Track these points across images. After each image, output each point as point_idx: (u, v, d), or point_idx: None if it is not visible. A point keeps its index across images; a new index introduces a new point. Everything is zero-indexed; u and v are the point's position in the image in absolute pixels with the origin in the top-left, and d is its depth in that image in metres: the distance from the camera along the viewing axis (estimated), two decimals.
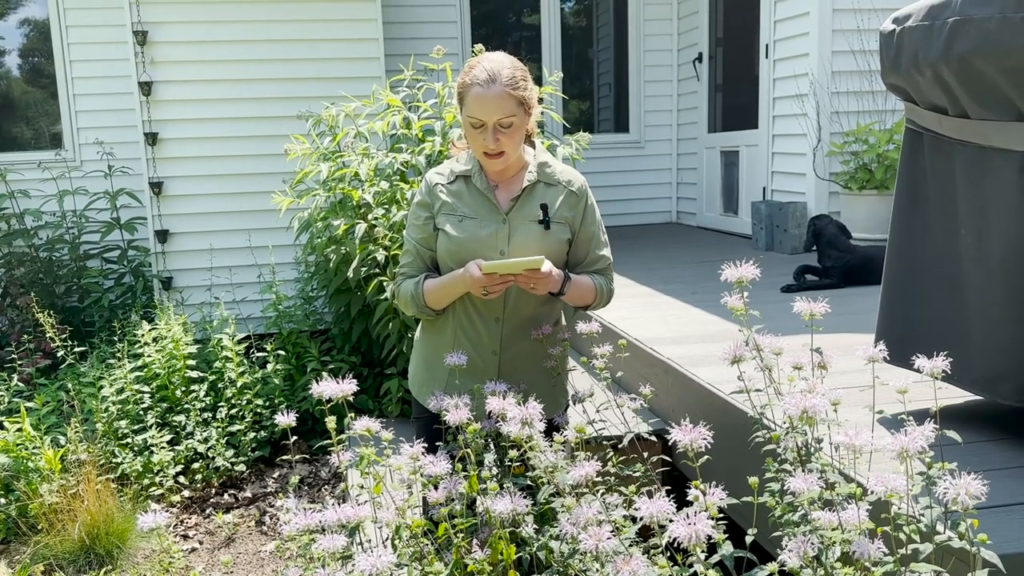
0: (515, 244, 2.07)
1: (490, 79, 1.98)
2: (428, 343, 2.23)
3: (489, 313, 2.12)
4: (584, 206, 2.15)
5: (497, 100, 1.96)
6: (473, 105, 1.99)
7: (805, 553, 1.21)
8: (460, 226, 2.08)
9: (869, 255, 4.26)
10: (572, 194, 2.13)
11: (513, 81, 1.99)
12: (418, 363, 2.28)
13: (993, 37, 1.84)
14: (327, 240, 4.37)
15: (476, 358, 2.12)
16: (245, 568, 3.49)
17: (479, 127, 2.00)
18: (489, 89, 1.97)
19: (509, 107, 1.97)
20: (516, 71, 2.02)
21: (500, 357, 2.14)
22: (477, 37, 7.16)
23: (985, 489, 1.14)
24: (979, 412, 2.29)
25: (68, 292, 5.81)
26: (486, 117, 1.98)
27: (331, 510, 1.53)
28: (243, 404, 4.42)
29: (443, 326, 2.17)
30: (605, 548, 1.29)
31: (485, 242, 2.07)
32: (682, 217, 7.84)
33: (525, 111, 2.03)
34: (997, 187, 1.96)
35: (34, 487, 3.69)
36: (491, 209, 2.10)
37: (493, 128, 1.99)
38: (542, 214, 2.08)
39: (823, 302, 1.59)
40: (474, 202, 2.11)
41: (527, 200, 2.10)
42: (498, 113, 1.97)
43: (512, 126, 2.00)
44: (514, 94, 1.98)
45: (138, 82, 5.52)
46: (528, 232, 2.08)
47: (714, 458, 1.83)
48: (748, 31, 6.35)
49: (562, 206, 2.11)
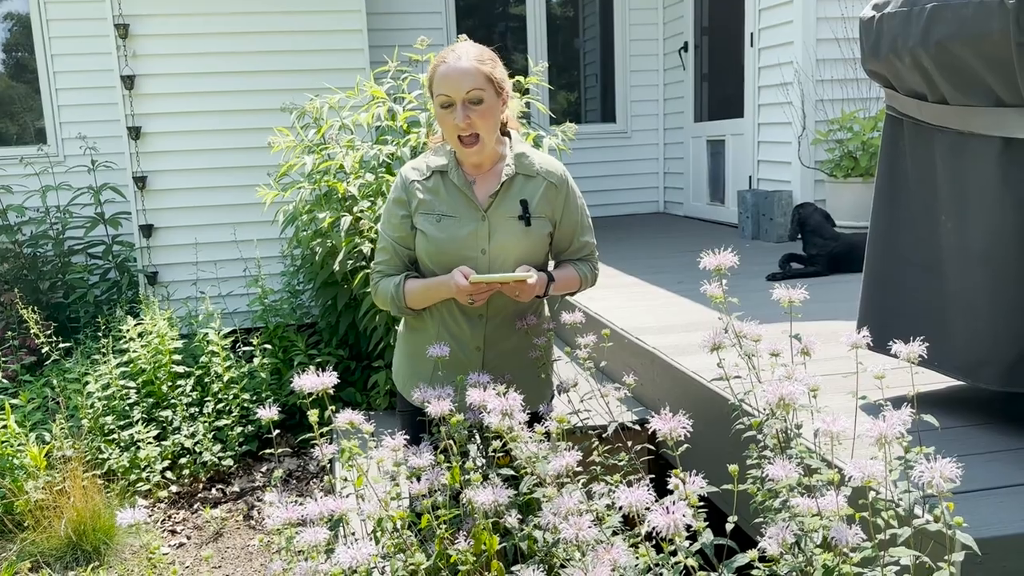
0: (496, 242, 2.04)
1: (457, 56, 1.95)
2: (411, 339, 2.21)
3: (472, 311, 2.10)
4: (564, 197, 2.11)
5: (464, 73, 1.93)
6: (441, 83, 1.95)
7: (784, 540, 1.21)
8: (439, 226, 2.03)
9: (853, 242, 4.27)
10: (552, 186, 2.09)
11: (481, 57, 1.96)
12: (401, 359, 2.26)
13: (970, 23, 1.84)
14: (313, 233, 4.35)
15: (460, 354, 2.10)
16: (233, 563, 3.48)
17: (448, 107, 1.95)
18: (456, 63, 1.94)
19: (478, 81, 1.93)
20: (484, 52, 2.00)
21: (484, 353, 2.12)
22: (462, 28, 7.13)
23: (960, 472, 1.14)
24: (962, 397, 2.30)
25: (53, 288, 5.77)
26: (454, 92, 1.93)
27: (314, 503, 1.53)
28: (230, 399, 4.41)
29: (426, 323, 2.15)
30: (586, 537, 1.29)
31: (465, 242, 2.03)
32: (669, 207, 7.85)
33: (496, 91, 1.98)
34: (977, 172, 1.97)
35: (19, 484, 3.67)
36: (469, 206, 2.05)
37: (463, 105, 1.94)
38: (522, 210, 2.04)
39: (802, 289, 1.59)
40: (451, 199, 2.06)
41: (506, 195, 2.06)
42: (466, 85, 1.92)
43: (483, 104, 1.95)
44: (482, 68, 1.95)
45: (120, 76, 5.47)
46: (509, 229, 2.04)
47: (698, 446, 1.83)
48: (733, 20, 6.34)
49: (542, 200, 2.07)
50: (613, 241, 6.10)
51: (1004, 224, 1.93)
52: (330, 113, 4.44)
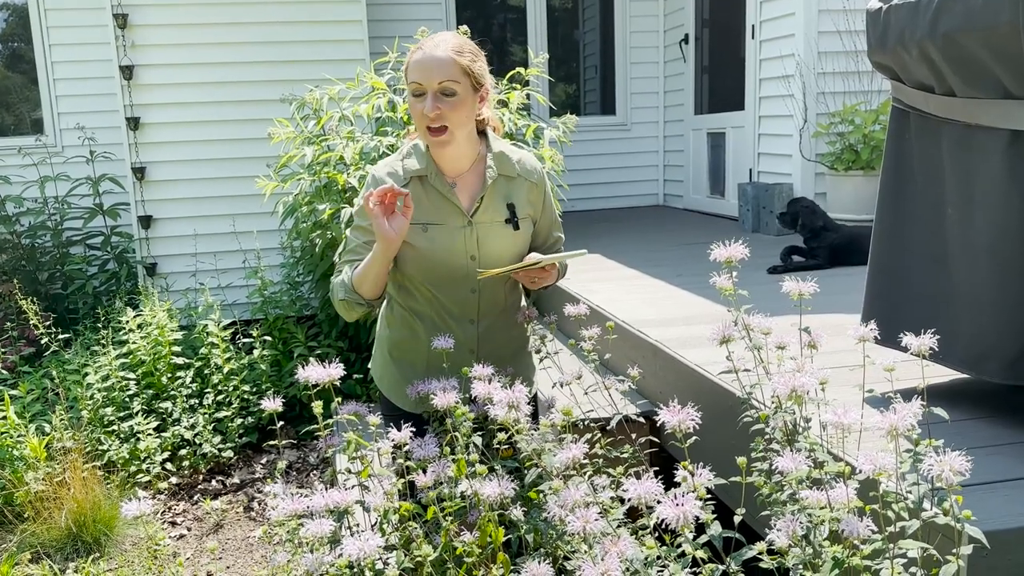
0: (485, 248, 1.99)
1: (434, 44, 1.88)
2: (399, 345, 2.12)
3: (463, 315, 2.06)
4: (543, 195, 2.09)
5: (439, 63, 1.84)
6: (414, 70, 1.87)
7: (794, 532, 1.21)
8: (426, 236, 1.95)
9: (854, 235, 4.27)
10: (533, 186, 2.06)
11: (460, 48, 1.89)
12: (387, 366, 2.16)
13: (978, 14, 1.83)
14: (312, 225, 4.34)
15: (456, 356, 2.02)
16: (234, 554, 3.48)
17: (420, 95, 1.86)
18: (432, 51, 1.86)
19: (452, 72, 1.85)
20: (466, 44, 1.92)
21: (477, 354, 2.07)
22: (462, 19, 7.11)
23: (969, 466, 1.14)
24: (965, 391, 2.30)
25: (51, 279, 5.75)
26: (426, 80, 1.85)
27: (319, 495, 1.52)
28: (230, 390, 4.40)
29: (415, 331, 2.07)
30: (593, 529, 1.28)
31: (454, 250, 1.97)
32: (669, 199, 7.84)
33: (473, 86, 1.90)
34: (984, 166, 1.96)
35: (19, 475, 3.67)
36: (454, 212, 1.97)
37: (433, 95, 1.84)
38: (509, 214, 2.00)
39: (812, 282, 1.58)
40: (434, 206, 1.97)
41: (490, 199, 2.00)
42: (439, 75, 1.84)
43: (456, 97, 1.86)
44: (459, 60, 1.86)
45: (119, 66, 5.45)
46: (496, 233, 2.00)
47: (702, 439, 1.83)
48: (734, 12, 6.32)
49: (525, 201, 2.04)
50: (613, 234, 6.09)
51: (1010, 218, 1.92)
52: (330, 104, 4.42)
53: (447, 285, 2.02)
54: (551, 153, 4.35)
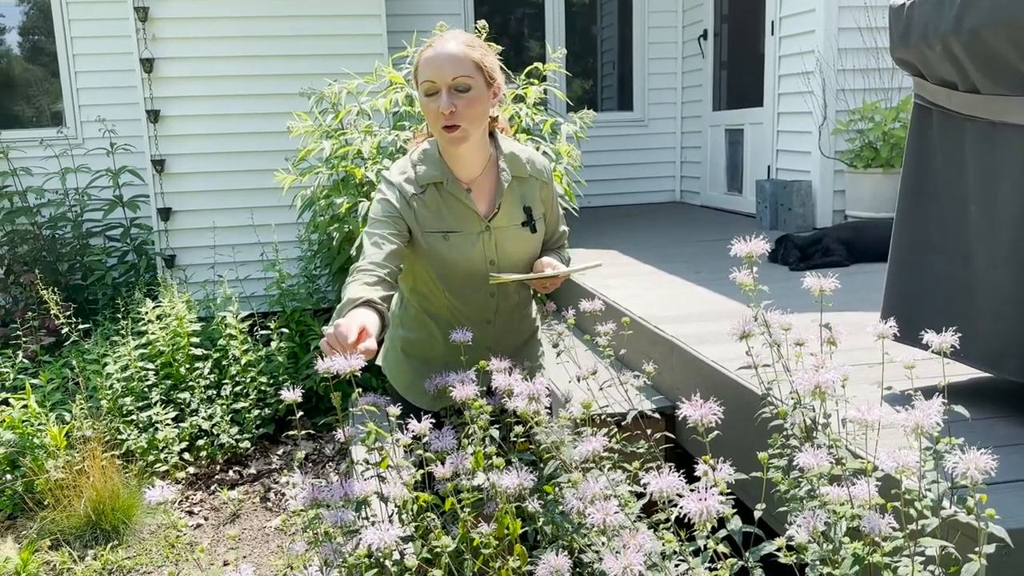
0: (504, 252, 1.99)
1: (444, 41, 1.86)
2: (415, 345, 2.13)
3: (480, 316, 2.06)
4: (551, 192, 2.09)
5: (451, 58, 1.82)
6: (426, 68, 1.84)
7: (814, 528, 1.21)
8: (447, 244, 1.94)
9: (858, 227, 4.31)
10: (544, 184, 2.06)
11: (471, 43, 1.87)
12: (402, 366, 2.17)
13: (1005, 9, 1.81)
14: (330, 218, 4.36)
15: (471, 354, 2.06)
16: (250, 544, 3.51)
17: (433, 94, 1.83)
18: (443, 47, 1.84)
19: (465, 67, 1.82)
20: (475, 39, 1.90)
21: (492, 351, 2.06)
22: (480, 13, 7.10)
23: (995, 464, 1.14)
24: (984, 389, 2.29)
25: (71, 270, 5.81)
26: (439, 77, 1.82)
27: (338, 485, 1.53)
28: (247, 382, 4.43)
29: (431, 331, 2.08)
30: (612, 523, 1.29)
31: (473, 256, 1.97)
32: (686, 196, 7.81)
33: (486, 81, 1.87)
34: (1007, 163, 1.95)
35: (40, 463, 3.71)
36: (472, 218, 1.96)
37: (448, 91, 1.82)
38: (526, 217, 2.00)
39: (833, 278, 1.58)
40: (452, 214, 1.96)
41: (507, 203, 1.99)
42: (452, 70, 1.81)
43: (470, 92, 1.84)
44: (471, 54, 1.84)
45: (140, 59, 5.48)
46: (514, 237, 2.00)
47: (719, 435, 1.83)
48: (754, 7, 6.29)
49: (538, 201, 2.04)
50: (629, 229, 6.08)
51: None
52: (348, 98, 4.43)
53: (466, 289, 2.03)
54: (568, 148, 4.35)
